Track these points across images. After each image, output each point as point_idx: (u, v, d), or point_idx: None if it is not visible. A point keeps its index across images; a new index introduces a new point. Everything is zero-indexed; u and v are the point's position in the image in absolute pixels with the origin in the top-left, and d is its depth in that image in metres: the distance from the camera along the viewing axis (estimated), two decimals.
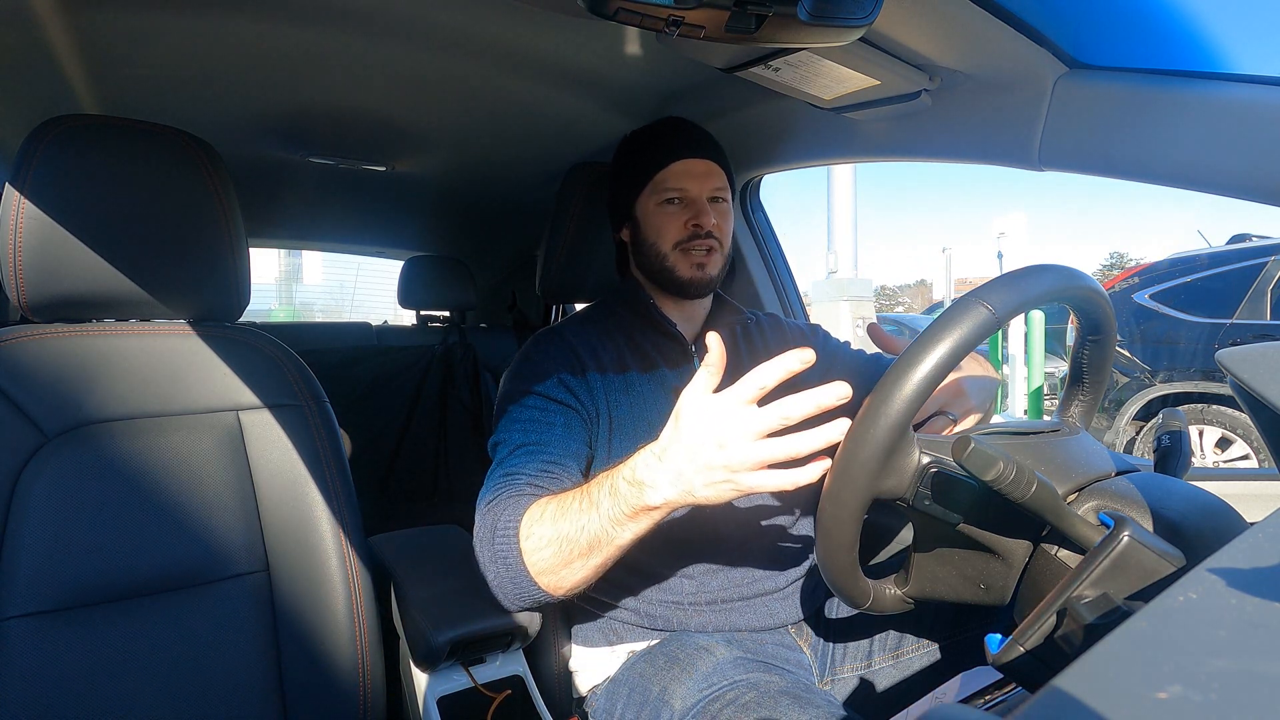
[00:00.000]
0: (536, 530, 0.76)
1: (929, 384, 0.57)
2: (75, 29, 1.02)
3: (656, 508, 0.70)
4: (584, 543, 0.73)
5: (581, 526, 0.73)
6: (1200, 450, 3.89)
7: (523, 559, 0.76)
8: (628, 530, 0.72)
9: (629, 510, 0.71)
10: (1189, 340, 3.91)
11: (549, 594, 0.78)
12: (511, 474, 0.84)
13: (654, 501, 0.69)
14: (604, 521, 0.72)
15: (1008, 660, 0.56)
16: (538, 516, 0.77)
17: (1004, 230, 8.54)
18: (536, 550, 0.76)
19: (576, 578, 0.76)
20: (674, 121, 1.06)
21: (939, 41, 0.87)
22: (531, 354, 0.98)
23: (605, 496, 0.72)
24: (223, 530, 0.86)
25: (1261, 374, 0.49)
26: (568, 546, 0.74)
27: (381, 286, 6.96)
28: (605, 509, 0.72)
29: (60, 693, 0.75)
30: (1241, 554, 0.33)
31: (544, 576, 0.76)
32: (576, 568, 0.75)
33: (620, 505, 0.71)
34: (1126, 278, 4.36)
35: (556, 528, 0.74)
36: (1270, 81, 0.71)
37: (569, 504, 0.75)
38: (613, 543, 0.73)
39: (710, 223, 0.99)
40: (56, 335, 0.86)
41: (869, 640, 0.98)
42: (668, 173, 1.00)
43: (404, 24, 1.06)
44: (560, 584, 0.77)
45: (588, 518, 0.73)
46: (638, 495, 0.70)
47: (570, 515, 0.74)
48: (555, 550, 0.75)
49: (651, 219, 1.01)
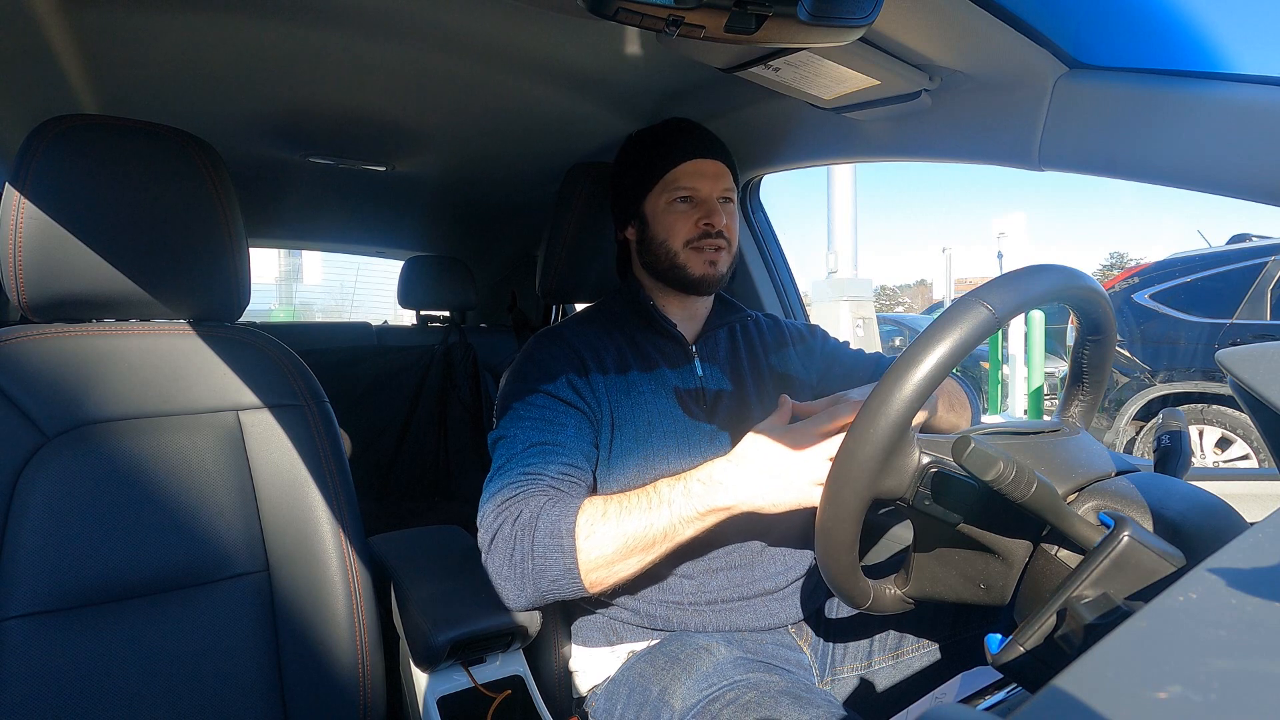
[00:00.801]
0: (600, 529, 0.80)
1: (929, 384, 0.57)
2: (75, 29, 1.02)
3: (727, 508, 0.77)
4: (649, 538, 0.79)
5: (650, 523, 0.79)
6: (1200, 450, 3.89)
7: (577, 557, 0.79)
8: (691, 528, 0.79)
9: (701, 509, 0.78)
10: (1189, 340, 3.90)
11: (585, 591, 0.81)
12: (532, 473, 0.86)
13: (725, 502, 0.77)
14: (674, 518, 0.78)
15: (1008, 660, 0.56)
16: (598, 516, 0.80)
17: (1004, 230, 8.53)
18: (597, 548, 0.79)
19: (626, 574, 0.81)
20: (683, 122, 1.07)
21: (939, 41, 0.87)
22: (535, 353, 0.98)
23: (679, 495, 0.79)
24: (223, 530, 0.86)
25: (1261, 374, 0.49)
26: (631, 542, 0.79)
27: (381, 286, 6.96)
28: (679, 506, 0.78)
29: (60, 693, 0.75)
30: (1241, 554, 0.33)
31: (594, 573, 0.80)
32: (632, 563, 0.80)
33: (694, 503, 0.78)
34: (1126, 278, 4.36)
35: (622, 526, 0.79)
36: (1270, 81, 0.71)
37: (633, 503, 0.80)
38: (674, 539, 0.79)
39: (721, 222, 1.01)
40: (56, 335, 0.86)
41: (869, 640, 0.99)
42: (680, 171, 1.01)
43: (404, 24, 1.06)
44: (605, 580, 0.81)
45: (657, 514, 0.79)
46: (712, 495, 0.77)
47: (637, 513, 0.79)
48: (617, 547, 0.79)
49: (662, 217, 1.02)
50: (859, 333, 6.80)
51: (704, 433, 0.97)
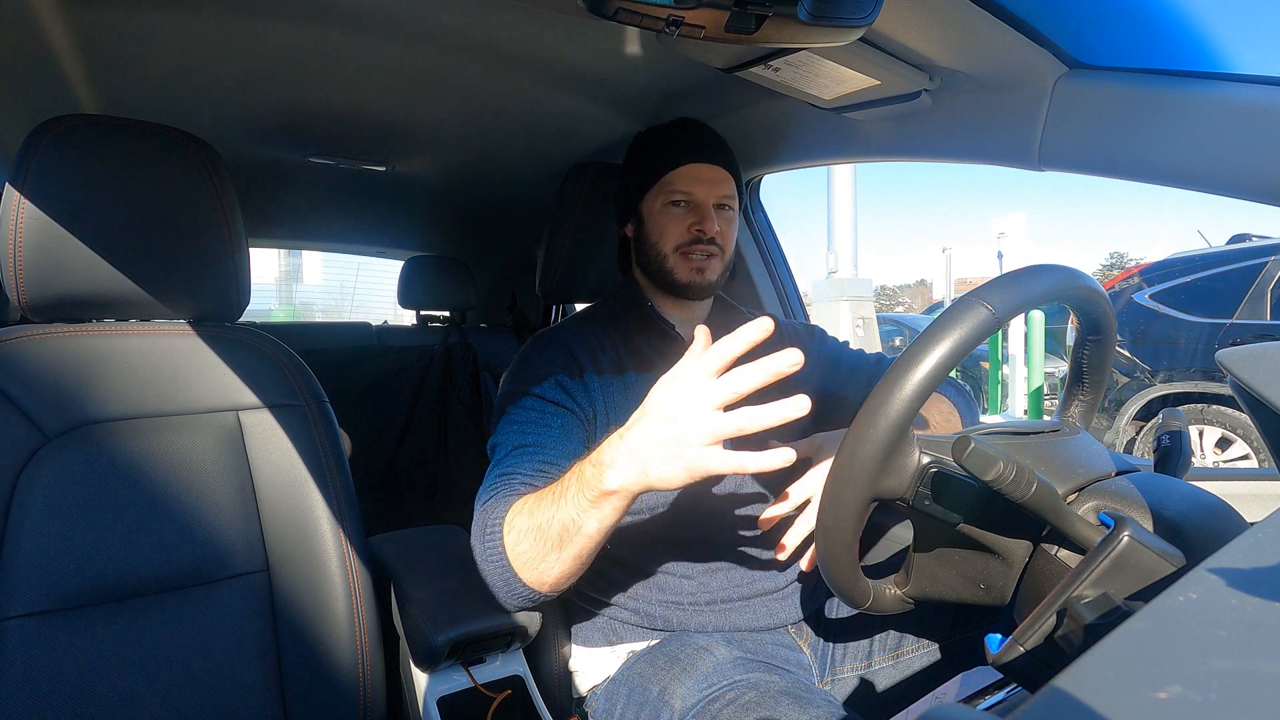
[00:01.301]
0: (517, 523, 0.76)
1: (929, 384, 0.57)
2: (75, 29, 1.03)
3: (615, 491, 0.68)
4: (555, 533, 0.73)
5: (552, 516, 0.73)
6: (1200, 450, 3.89)
7: (506, 554, 0.77)
8: (593, 518, 0.71)
9: (592, 495, 0.70)
10: (1189, 340, 3.91)
11: (535, 589, 0.78)
12: (507, 474, 0.84)
13: (612, 484, 0.68)
14: (571, 508, 0.72)
15: (1008, 660, 0.56)
16: (519, 509, 0.77)
17: (1004, 230, 8.53)
18: (517, 544, 0.76)
19: (555, 571, 0.76)
20: (690, 123, 1.06)
21: (939, 41, 0.87)
22: (529, 356, 0.98)
23: (573, 483, 0.72)
24: (223, 530, 0.86)
25: (1261, 374, 0.49)
26: (541, 537, 0.74)
27: (381, 286, 6.96)
28: (572, 495, 0.72)
29: (60, 693, 0.75)
30: (1241, 554, 0.33)
31: (525, 570, 0.77)
32: (552, 560, 0.75)
33: (585, 491, 0.70)
34: (1126, 278, 4.36)
35: (532, 519, 0.75)
36: (1270, 81, 0.71)
37: (544, 495, 0.76)
38: (581, 531, 0.72)
39: (714, 229, 0.99)
40: (56, 335, 0.86)
41: (869, 640, 0.98)
42: (677, 174, 1.00)
43: (404, 24, 1.06)
44: (542, 578, 0.77)
45: (557, 506, 0.73)
46: (598, 478, 0.69)
47: (544, 506, 0.74)
48: (532, 542, 0.75)
49: (656, 218, 1.02)
50: (859, 333, 6.80)
51: None
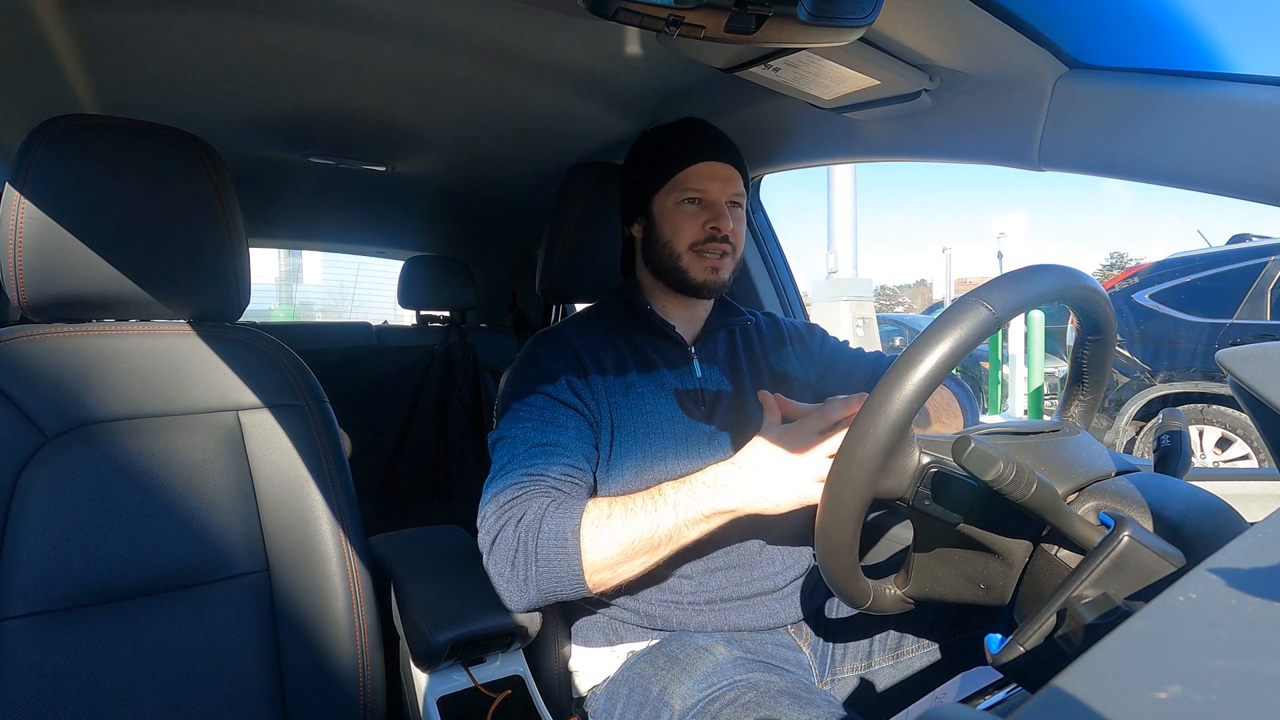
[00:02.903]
0: (604, 531, 0.80)
1: (929, 384, 0.57)
2: (75, 29, 1.02)
3: (731, 510, 0.79)
4: (654, 540, 0.80)
5: (655, 525, 0.79)
6: (1200, 450, 3.89)
7: (582, 560, 0.79)
8: (696, 530, 0.80)
9: (706, 511, 0.79)
10: (1189, 340, 3.90)
11: (588, 593, 0.82)
12: (534, 474, 0.86)
13: (730, 504, 0.78)
14: (679, 520, 0.79)
15: (1008, 660, 0.56)
16: (603, 518, 0.81)
17: (1004, 230, 8.54)
18: (601, 551, 0.80)
19: (629, 575, 0.82)
20: (699, 122, 1.06)
21: (939, 41, 0.87)
22: (536, 354, 0.98)
23: (684, 497, 0.80)
24: (223, 530, 0.86)
25: (1261, 374, 0.49)
26: (637, 545, 0.80)
27: (381, 286, 6.96)
28: (684, 508, 0.79)
29: (60, 693, 0.75)
30: (1241, 554, 0.33)
31: (598, 575, 0.81)
32: (636, 564, 0.81)
33: (699, 505, 0.79)
34: (1126, 278, 4.36)
35: (627, 529, 0.80)
36: (1270, 81, 0.71)
37: (638, 505, 0.81)
38: (679, 541, 0.80)
39: (728, 227, 1.00)
40: (57, 335, 0.86)
41: (869, 640, 0.98)
42: (691, 172, 1.00)
43: (404, 24, 1.06)
44: (609, 581, 0.82)
45: (662, 516, 0.79)
46: (716, 497, 0.78)
47: (642, 515, 0.80)
48: (622, 549, 0.80)
49: (669, 217, 1.02)
50: (859, 333, 6.80)
51: (703, 434, 0.97)
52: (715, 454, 0.95)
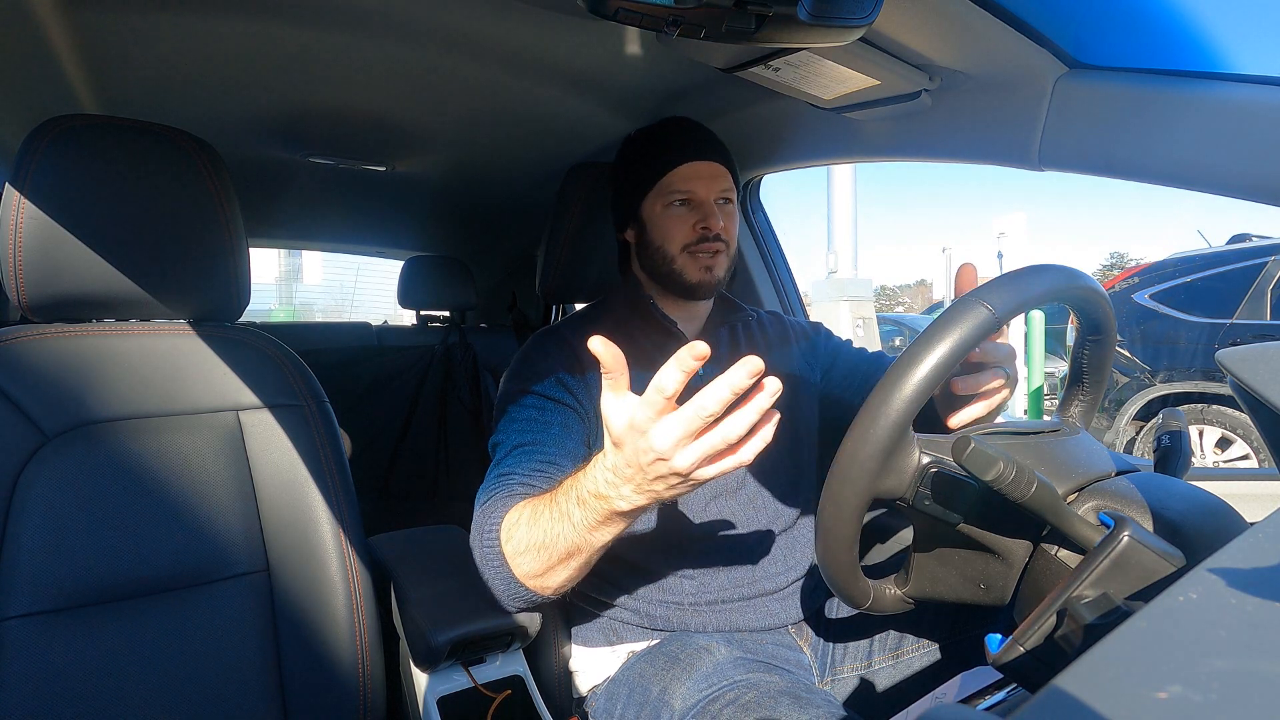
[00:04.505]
0: (516, 535, 0.76)
1: (929, 384, 0.57)
2: (75, 29, 1.02)
3: (626, 513, 0.69)
4: (562, 550, 0.73)
5: (557, 535, 0.73)
6: (1200, 450, 3.89)
7: (507, 562, 0.77)
8: (604, 534, 0.72)
9: (600, 517, 0.70)
10: (1189, 340, 3.90)
11: (540, 595, 0.79)
12: (505, 474, 0.85)
13: (622, 508, 0.68)
14: (579, 530, 0.71)
15: (1008, 660, 0.56)
16: (515, 520, 0.77)
17: (1004, 230, 8.54)
18: (518, 554, 0.76)
19: (561, 579, 0.77)
20: (680, 122, 1.06)
21: (939, 41, 0.87)
22: (530, 354, 0.98)
23: (575, 507, 0.71)
24: (223, 530, 0.86)
25: (1261, 374, 0.49)
26: (546, 553, 0.74)
27: (381, 286, 6.96)
28: (578, 519, 0.71)
29: (60, 693, 0.75)
30: (1241, 554, 0.33)
31: (531, 580, 0.77)
32: (559, 570, 0.75)
33: (590, 514, 0.70)
34: (1126, 278, 4.36)
35: (532, 535, 0.74)
36: (1270, 81, 0.71)
37: (541, 511, 0.75)
38: (591, 546, 0.73)
39: (719, 225, 0.99)
40: (57, 335, 0.86)
41: (869, 640, 0.98)
42: (676, 175, 1.00)
43: (404, 24, 1.06)
44: (547, 585, 0.77)
45: (561, 527, 0.72)
46: (605, 505, 0.69)
47: (543, 523, 0.74)
48: (535, 556, 0.75)
49: (659, 221, 1.01)
50: (859, 333, 6.80)
51: None
52: None
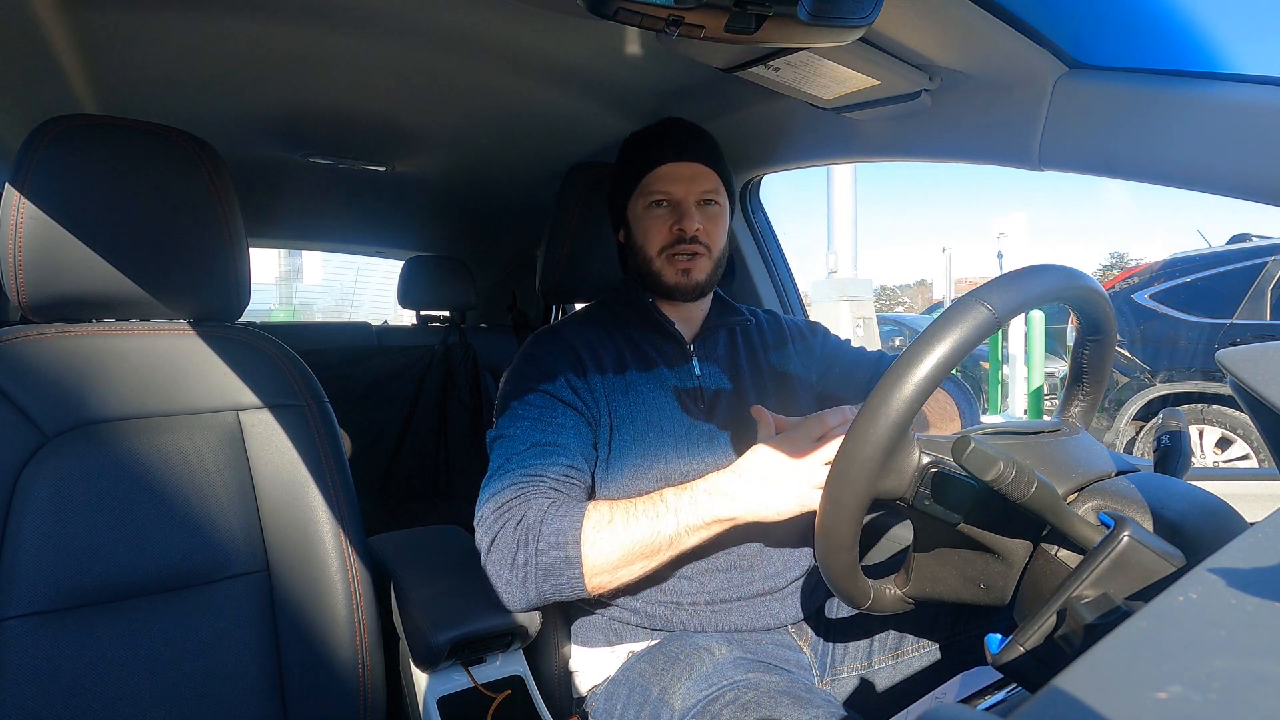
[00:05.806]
0: (605, 535, 0.81)
1: (929, 384, 0.57)
2: (75, 29, 1.02)
3: (731, 518, 0.80)
4: (654, 545, 0.80)
5: (656, 531, 0.80)
6: (1200, 450, 3.89)
7: (582, 563, 0.80)
8: (696, 536, 0.81)
9: (707, 518, 0.80)
10: (1189, 340, 3.90)
11: (587, 595, 0.83)
12: (533, 474, 0.86)
13: (731, 512, 0.79)
14: (679, 526, 0.80)
15: (1008, 660, 0.56)
16: (604, 522, 0.81)
17: (1004, 230, 8.54)
18: (601, 555, 0.80)
19: (629, 578, 0.83)
20: (669, 123, 1.06)
21: (939, 41, 0.87)
22: (534, 352, 0.98)
23: (685, 504, 0.81)
24: (223, 530, 0.86)
25: (1261, 374, 0.49)
26: (637, 549, 0.80)
27: (381, 286, 6.97)
28: (685, 515, 0.80)
29: (60, 693, 0.75)
30: (1241, 554, 0.33)
31: (597, 578, 0.81)
32: (636, 568, 0.82)
33: (699, 512, 0.80)
34: (1126, 278, 4.36)
35: (628, 533, 0.80)
36: (1270, 81, 0.71)
37: (638, 510, 0.82)
38: (679, 546, 0.81)
39: (694, 228, 0.98)
40: (57, 335, 0.86)
41: (869, 640, 0.98)
42: (654, 176, 1.00)
43: (404, 24, 1.06)
44: (608, 584, 0.82)
45: (663, 522, 0.80)
46: (717, 504, 0.79)
47: (643, 520, 0.81)
48: (623, 553, 0.80)
49: (640, 223, 1.02)
50: (859, 333, 6.80)
51: (702, 432, 0.97)
52: (714, 452, 0.95)
